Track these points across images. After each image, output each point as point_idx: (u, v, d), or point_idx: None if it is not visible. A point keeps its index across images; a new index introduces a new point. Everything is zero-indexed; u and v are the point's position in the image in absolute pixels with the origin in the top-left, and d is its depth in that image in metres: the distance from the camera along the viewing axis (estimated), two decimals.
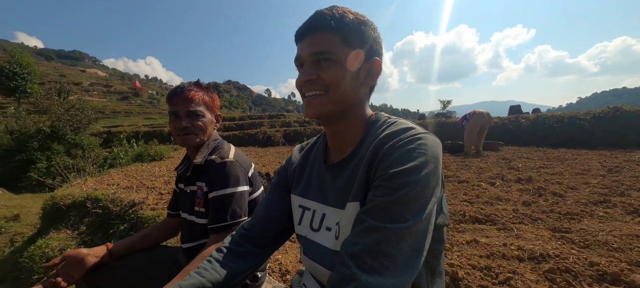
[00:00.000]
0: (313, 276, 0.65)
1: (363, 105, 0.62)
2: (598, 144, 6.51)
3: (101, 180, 4.47)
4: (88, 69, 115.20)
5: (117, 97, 62.09)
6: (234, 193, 0.93)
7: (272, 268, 1.54)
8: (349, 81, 0.56)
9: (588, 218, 2.06)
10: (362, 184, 0.53)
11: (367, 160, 0.53)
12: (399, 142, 0.49)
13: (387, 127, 0.56)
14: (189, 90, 1.00)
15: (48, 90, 16.50)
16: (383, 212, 0.45)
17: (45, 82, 36.85)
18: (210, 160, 0.97)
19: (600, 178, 3.20)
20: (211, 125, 1.06)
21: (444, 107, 64.50)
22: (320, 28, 0.55)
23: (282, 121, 17.86)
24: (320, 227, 0.61)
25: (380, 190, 0.47)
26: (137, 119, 35.35)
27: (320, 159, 0.67)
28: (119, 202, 2.98)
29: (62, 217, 3.35)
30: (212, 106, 1.06)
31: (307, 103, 0.58)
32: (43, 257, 2.68)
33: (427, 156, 0.47)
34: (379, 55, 0.60)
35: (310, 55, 0.56)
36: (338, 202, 0.59)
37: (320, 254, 0.59)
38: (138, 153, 8.22)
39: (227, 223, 0.90)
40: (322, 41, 0.55)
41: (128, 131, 17.19)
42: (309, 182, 0.68)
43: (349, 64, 0.55)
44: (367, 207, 0.47)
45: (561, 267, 1.36)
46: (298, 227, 0.67)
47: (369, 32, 0.57)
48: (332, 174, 0.62)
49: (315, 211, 0.64)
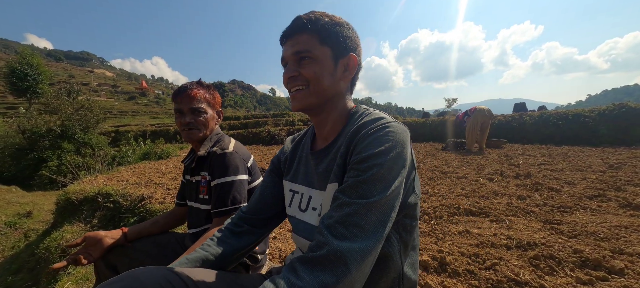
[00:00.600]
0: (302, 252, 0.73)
1: (343, 97, 0.69)
2: (603, 141, 6.46)
3: (111, 177, 4.64)
4: (96, 70, 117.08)
5: (124, 97, 63.06)
6: (234, 181, 1.03)
7: (272, 254, 1.64)
8: (328, 76, 0.63)
9: (581, 211, 2.11)
10: (340, 168, 0.60)
11: (345, 146, 0.60)
12: (371, 130, 0.57)
13: (363, 117, 0.63)
14: (192, 88, 1.11)
15: (58, 90, 16.93)
16: (353, 190, 0.52)
17: (55, 83, 37.66)
18: (212, 151, 1.08)
19: (599, 174, 3.22)
20: (213, 121, 1.16)
21: (449, 105, 63.77)
22: (299, 30, 0.63)
23: (286, 120, 17.98)
24: (307, 207, 0.69)
25: (352, 172, 0.54)
26: (144, 119, 35.92)
27: (307, 147, 0.75)
28: (129, 196, 3.11)
29: (75, 211, 3.50)
30: (213, 103, 1.16)
31: (292, 97, 0.66)
32: (58, 248, 2.83)
33: (393, 142, 0.55)
34: (355, 52, 0.67)
35: (291, 55, 0.64)
36: (320, 185, 0.66)
37: (307, 231, 0.67)
38: (145, 152, 8.44)
39: (228, 208, 1.00)
40: (301, 42, 0.63)
41: (135, 130, 17.53)
42: (298, 169, 0.75)
43: (326, 61, 0.63)
44: (341, 186, 0.55)
45: (546, 254, 1.43)
46: (288, 208, 0.75)
47: (344, 32, 0.65)
48: (315, 160, 0.69)
49: (302, 194, 0.71)
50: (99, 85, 69.38)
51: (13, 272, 3.46)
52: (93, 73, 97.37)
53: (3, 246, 4.46)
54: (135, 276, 0.55)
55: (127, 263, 1.08)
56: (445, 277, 1.35)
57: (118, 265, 1.08)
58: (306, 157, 0.74)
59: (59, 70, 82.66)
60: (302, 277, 0.46)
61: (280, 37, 0.67)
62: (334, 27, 0.63)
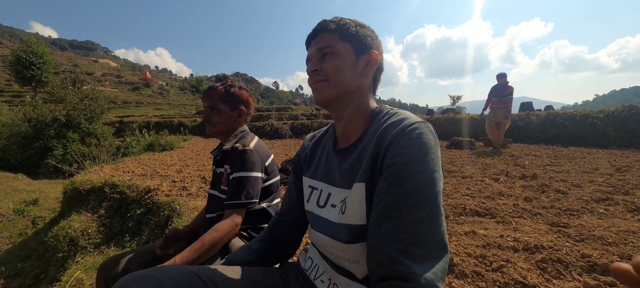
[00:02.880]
0: (317, 249, 0.73)
1: (365, 95, 0.68)
2: (611, 143, 6.38)
3: (117, 167, 4.69)
4: (100, 59, 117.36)
5: (128, 88, 63.24)
6: (249, 176, 1.08)
7: None
8: (349, 69, 0.65)
9: (588, 214, 2.10)
10: (368, 168, 0.59)
11: (373, 147, 0.59)
12: (404, 133, 0.55)
13: (390, 117, 0.62)
14: (212, 88, 1.22)
15: (63, 79, 17.00)
16: (407, 203, 0.50)
17: (60, 72, 37.81)
18: (235, 147, 1.14)
19: (606, 177, 3.19)
20: (230, 119, 1.22)
21: (454, 103, 63.24)
22: (322, 30, 0.67)
23: (290, 114, 17.95)
24: (325, 204, 0.69)
25: (392, 180, 0.52)
26: (148, 110, 36.08)
27: (330, 146, 0.75)
28: (135, 188, 3.14)
29: (82, 201, 3.55)
30: (232, 102, 1.22)
31: (313, 90, 0.68)
32: (66, 237, 2.87)
33: (428, 144, 0.53)
34: (375, 48, 0.68)
35: (315, 52, 0.68)
36: (342, 183, 0.66)
37: (325, 227, 0.67)
38: (149, 143, 8.48)
39: (241, 202, 1.06)
40: (323, 39, 0.67)
41: (139, 121, 17.61)
42: (318, 166, 0.76)
43: (347, 55, 0.65)
44: (389, 199, 0.52)
45: (553, 258, 1.43)
46: (307, 204, 0.76)
47: (365, 31, 0.68)
48: (338, 158, 0.69)
49: (322, 190, 0.72)
50: (103, 75, 69.59)
51: (22, 258, 3.54)
52: (97, 63, 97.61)
53: (11, 232, 4.55)
54: (155, 275, 0.56)
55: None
56: (453, 278, 1.35)
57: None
58: (328, 154, 0.74)
59: (64, 59, 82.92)
60: None
61: (306, 40, 0.71)
62: (356, 26, 0.67)
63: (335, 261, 0.65)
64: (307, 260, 0.75)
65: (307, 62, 0.70)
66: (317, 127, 11.97)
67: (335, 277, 0.64)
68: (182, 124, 16.18)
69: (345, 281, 0.62)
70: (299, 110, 21.14)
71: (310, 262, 0.74)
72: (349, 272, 0.62)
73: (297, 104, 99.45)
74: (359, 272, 0.61)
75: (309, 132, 11.79)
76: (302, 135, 11.62)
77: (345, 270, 0.63)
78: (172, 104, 48.36)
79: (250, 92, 1.30)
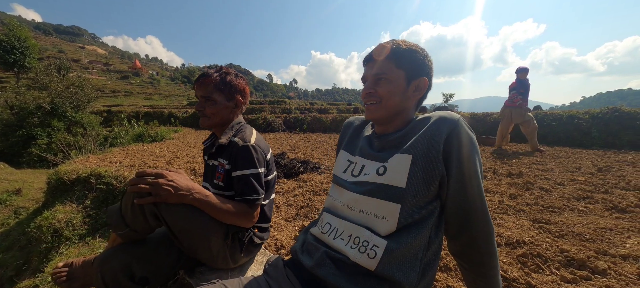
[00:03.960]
0: (336, 214, 0.80)
1: (409, 112, 0.81)
2: (594, 143, 6.60)
3: (103, 158, 4.57)
4: (87, 46, 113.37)
5: (116, 76, 61.47)
6: (257, 173, 1.07)
7: (268, 243, 1.66)
8: (399, 94, 0.76)
9: (568, 212, 2.18)
10: (421, 149, 0.70)
11: (427, 132, 0.71)
12: (461, 128, 0.68)
13: (432, 115, 0.74)
14: (206, 76, 1.13)
15: (47, 65, 16.35)
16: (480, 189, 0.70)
17: (44, 58, 36.39)
18: (233, 141, 1.10)
19: (588, 176, 3.30)
20: (226, 110, 1.16)
21: (446, 100, 64.05)
22: (378, 56, 0.77)
23: (283, 107, 17.85)
24: (359, 173, 0.80)
25: (466, 168, 0.68)
26: (137, 99, 35.22)
27: (371, 130, 0.88)
28: (123, 179, 3.08)
29: (67, 191, 3.46)
30: (228, 92, 1.15)
31: (366, 109, 0.80)
32: (50, 227, 2.80)
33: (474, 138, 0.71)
34: (427, 75, 0.78)
35: (371, 76, 0.78)
36: (376, 157, 0.78)
37: (360, 188, 0.76)
38: (139, 134, 8.30)
39: (252, 198, 1.05)
40: (379, 65, 0.77)
41: (128, 111, 17.20)
42: (357, 144, 0.88)
43: (399, 82, 0.76)
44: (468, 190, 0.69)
45: (533, 252, 1.48)
46: (342, 174, 0.85)
47: (419, 57, 0.76)
48: (378, 140, 0.82)
49: (356, 163, 0.83)
50: (90, 63, 67.36)
51: (4, 249, 3.44)
52: (84, 49, 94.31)
53: None
54: None
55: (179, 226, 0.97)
56: (437, 271, 1.38)
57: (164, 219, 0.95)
58: (368, 138, 0.86)
59: (48, 44, 79.77)
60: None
61: (364, 60, 0.82)
62: (411, 53, 0.76)
63: (359, 218, 0.73)
64: (325, 226, 0.81)
65: (363, 80, 0.82)
66: (311, 122, 11.95)
67: (358, 231, 0.71)
68: (173, 115, 15.88)
69: (368, 234, 0.69)
70: (292, 104, 21.03)
71: (328, 226, 0.79)
72: (371, 227, 0.70)
73: (291, 97, 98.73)
74: (385, 229, 0.68)
75: (302, 126, 11.78)
76: (295, 130, 11.58)
77: (367, 226, 0.71)
78: (162, 94, 47.30)
79: (247, 80, 1.24)
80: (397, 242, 0.67)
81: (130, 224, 0.95)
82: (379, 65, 0.76)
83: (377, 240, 0.68)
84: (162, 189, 0.89)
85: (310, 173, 3.55)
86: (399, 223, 0.67)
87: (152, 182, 0.89)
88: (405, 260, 0.67)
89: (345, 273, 0.69)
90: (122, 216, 0.95)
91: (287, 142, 7.51)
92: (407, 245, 0.67)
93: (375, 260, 0.66)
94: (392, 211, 0.68)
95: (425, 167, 0.68)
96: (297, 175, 3.45)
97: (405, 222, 0.68)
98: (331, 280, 0.69)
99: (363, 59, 0.82)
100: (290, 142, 7.35)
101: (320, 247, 0.76)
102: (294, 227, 1.97)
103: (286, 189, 2.94)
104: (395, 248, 0.66)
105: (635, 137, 6.29)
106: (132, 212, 0.93)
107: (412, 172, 0.68)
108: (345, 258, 0.70)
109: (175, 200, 0.92)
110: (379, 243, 0.67)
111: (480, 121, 8.92)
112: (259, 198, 1.07)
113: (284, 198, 2.67)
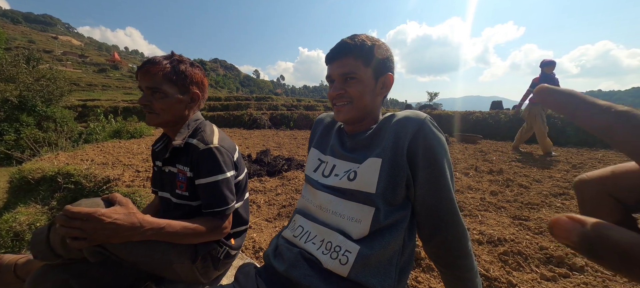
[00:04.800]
0: (308, 217, 0.77)
1: (377, 110, 0.79)
2: (568, 141, 6.90)
3: (74, 155, 4.29)
4: (61, 36, 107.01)
5: (93, 69, 58.47)
6: (224, 179, 0.95)
7: (245, 246, 1.57)
8: (369, 93, 0.74)
9: (546, 208, 2.23)
10: (388, 151, 0.68)
11: (393, 132, 0.69)
12: (430, 128, 0.66)
13: (398, 114, 0.72)
14: (152, 64, 0.94)
15: (15, 56, 15.22)
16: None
17: (12, 48, 34.00)
18: (192, 144, 0.95)
19: (563, 173, 3.43)
20: (180, 105, 0.98)
21: (431, 99, 65.68)
22: (345, 54, 0.73)
23: (270, 104, 17.59)
24: (330, 174, 0.78)
25: (434, 171, 0.65)
26: (116, 94, 33.62)
27: (338, 128, 0.86)
28: (93, 177, 2.88)
29: (31, 191, 3.21)
30: (182, 83, 0.97)
31: (336, 110, 0.78)
32: (10, 231, 2.58)
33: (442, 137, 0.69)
34: (391, 71, 0.77)
35: (339, 76, 0.74)
36: (348, 158, 0.76)
37: (330, 189, 0.75)
38: (116, 130, 7.89)
39: (221, 209, 0.93)
40: (347, 64, 0.73)
41: (105, 106, 16.39)
42: (328, 142, 0.86)
43: (368, 81, 0.74)
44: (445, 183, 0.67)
45: (514, 250, 1.48)
46: (313, 173, 0.83)
47: (383, 53, 0.74)
48: (351, 140, 0.79)
49: (327, 163, 0.81)
50: (64, 54, 63.68)
51: None
52: (57, 40, 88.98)
53: None
54: None
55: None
56: (419, 272, 1.36)
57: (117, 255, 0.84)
58: (339, 136, 0.84)
59: (17, 33, 74.67)
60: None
61: (327, 57, 0.77)
62: (377, 50, 0.73)
63: (331, 221, 0.71)
64: (298, 229, 0.78)
65: (328, 79, 0.78)
66: (298, 119, 11.83)
67: (330, 236, 0.69)
68: None
69: (340, 238, 0.67)
70: (279, 100, 20.78)
71: (301, 229, 0.77)
72: (344, 231, 0.68)
73: (278, 94, 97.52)
74: (357, 232, 0.66)
75: (288, 123, 11.63)
76: (281, 127, 11.43)
77: (340, 229, 0.69)
78: None
79: (204, 72, 1.07)
80: (369, 247, 0.64)
81: (63, 255, 0.81)
82: (346, 64, 0.73)
83: (349, 245, 0.65)
84: (97, 235, 0.73)
85: (294, 171, 3.47)
86: (372, 227, 0.65)
87: (84, 227, 0.71)
88: (379, 265, 0.65)
89: (320, 275, 0.66)
90: (51, 248, 0.81)
91: (273, 139, 7.38)
92: (380, 249, 0.64)
93: (347, 266, 0.63)
94: (366, 214, 0.66)
95: (390, 170, 0.66)
96: (280, 173, 3.36)
97: (378, 225, 0.66)
98: (305, 282, 0.65)
99: (326, 57, 0.77)
100: (276, 139, 7.22)
101: (293, 249, 0.73)
102: (274, 228, 1.89)
103: (269, 188, 2.85)
104: (368, 254, 0.63)
105: None
106: (63, 246, 0.79)
107: (381, 176, 0.67)
108: (318, 262, 0.67)
109: (119, 241, 0.77)
110: (351, 248, 0.65)
111: (463, 119, 9.14)
112: (229, 207, 0.95)
113: (266, 197, 2.59)
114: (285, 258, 0.72)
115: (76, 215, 0.71)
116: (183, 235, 0.86)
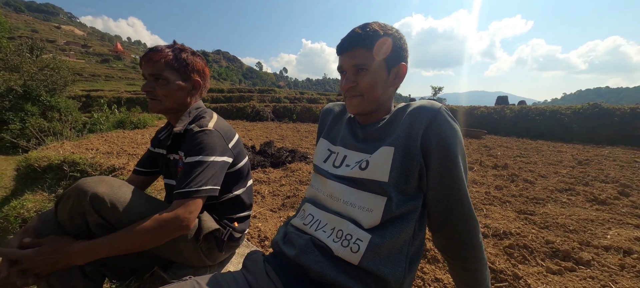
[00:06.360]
0: (319, 205, 0.76)
1: (390, 101, 0.78)
2: (575, 138, 6.84)
3: (79, 144, 4.32)
4: (63, 26, 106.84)
5: (96, 59, 58.49)
6: (204, 161, 0.88)
7: (251, 234, 1.58)
8: (381, 85, 0.72)
9: (552, 203, 2.21)
10: (401, 140, 0.67)
11: (407, 122, 0.67)
12: (441, 118, 0.65)
13: (412, 104, 0.70)
14: (155, 51, 0.95)
15: (18, 45, 15.23)
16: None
17: (15, 37, 34.04)
18: (189, 129, 0.95)
19: (569, 169, 3.40)
20: (182, 92, 0.99)
21: (435, 94, 65.02)
22: (356, 45, 0.70)
23: (273, 96, 17.54)
24: (341, 165, 0.77)
25: (445, 160, 0.64)
26: (119, 85, 33.70)
27: (353, 120, 0.83)
28: (98, 166, 2.91)
29: (38, 179, 3.24)
30: (184, 71, 0.98)
31: (348, 102, 0.76)
32: (18, 217, 2.62)
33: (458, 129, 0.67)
34: (405, 60, 0.74)
35: (350, 67, 0.72)
36: (359, 148, 0.75)
37: (342, 179, 0.73)
38: (120, 120, 7.93)
39: (189, 190, 0.84)
40: (358, 55, 0.70)
41: (109, 96, 16.45)
42: (338, 133, 0.84)
43: (381, 72, 0.71)
44: (457, 176, 0.65)
45: (520, 244, 1.48)
46: (323, 163, 0.81)
47: (396, 42, 0.71)
48: (361, 130, 0.78)
49: (338, 154, 0.79)
50: (67, 44, 63.68)
51: None
52: (60, 29, 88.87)
53: None
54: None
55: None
56: (425, 263, 1.36)
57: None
58: (350, 127, 0.82)
59: (20, 22, 74.63)
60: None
61: (338, 48, 0.74)
62: (390, 38, 0.70)
63: (342, 210, 0.70)
64: (308, 217, 0.77)
65: (339, 69, 0.76)
66: (300, 112, 11.80)
67: (341, 224, 0.68)
68: None
69: (351, 227, 0.66)
70: (282, 93, 20.72)
71: (311, 218, 0.76)
72: (355, 219, 0.67)
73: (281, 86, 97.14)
74: (368, 222, 0.65)
75: (291, 115, 11.62)
76: (284, 119, 11.41)
77: (351, 218, 0.68)
78: None
79: (206, 61, 1.08)
80: (381, 236, 0.64)
81: (72, 232, 0.81)
82: (357, 55, 0.70)
83: (360, 234, 0.65)
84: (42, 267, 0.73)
85: (298, 162, 3.47)
86: (384, 217, 0.65)
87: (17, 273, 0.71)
88: (390, 255, 0.64)
89: (331, 261, 0.66)
90: (60, 226, 0.81)
91: (275, 131, 7.38)
92: (391, 239, 0.64)
93: (359, 254, 0.63)
94: (378, 204, 0.66)
95: (403, 159, 0.65)
96: (284, 165, 3.37)
97: (390, 215, 0.65)
98: (316, 268, 0.65)
99: (337, 47, 0.74)
100: (279, 132, 7.22)
101: (304, 235, 0.72)
102: (279, 218, 1.90)
103: (273, 179, 2.86)
104: (379, 243, 0.63)
105: (613, 132, 6.56)
106: (71, 221, 0.80)
107: (394, 164, 0.65)
108: (329, 249, 0.67)
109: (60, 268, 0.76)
110: (362, 237, 0.64)
111: (468, 114, 9.07)
112: (202, 190, 0.85)
113: (270, 187, 2.60)
114: (296, 244, 0.71)
115: (7, 256, 0.71)
116: (129, 241, 0.78)
